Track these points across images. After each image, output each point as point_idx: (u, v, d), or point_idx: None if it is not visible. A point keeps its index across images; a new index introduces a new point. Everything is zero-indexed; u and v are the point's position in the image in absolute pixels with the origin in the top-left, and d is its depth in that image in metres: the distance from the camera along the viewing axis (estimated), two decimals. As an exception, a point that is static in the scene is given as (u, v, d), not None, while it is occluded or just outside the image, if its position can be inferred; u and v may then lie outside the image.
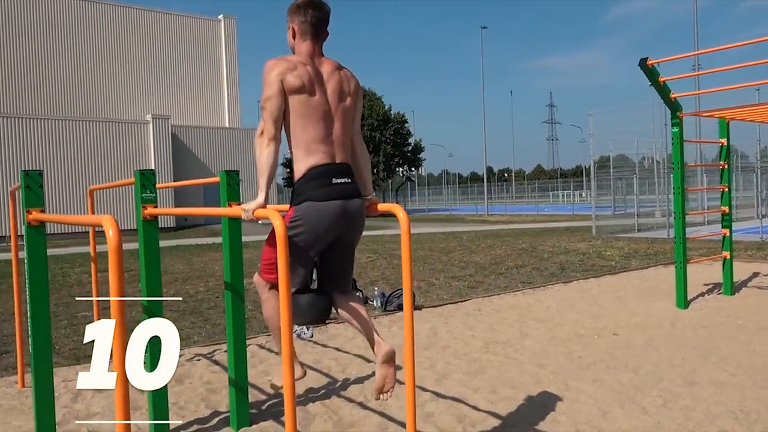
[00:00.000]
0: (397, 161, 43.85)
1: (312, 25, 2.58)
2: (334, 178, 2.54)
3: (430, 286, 9.21)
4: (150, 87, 32.20)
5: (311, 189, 2.51)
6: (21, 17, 28.90)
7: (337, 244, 2.66)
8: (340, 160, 2.59)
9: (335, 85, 2.61)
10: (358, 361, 5.14)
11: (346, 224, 2.60)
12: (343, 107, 2.63)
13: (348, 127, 2.66)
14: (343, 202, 2.55)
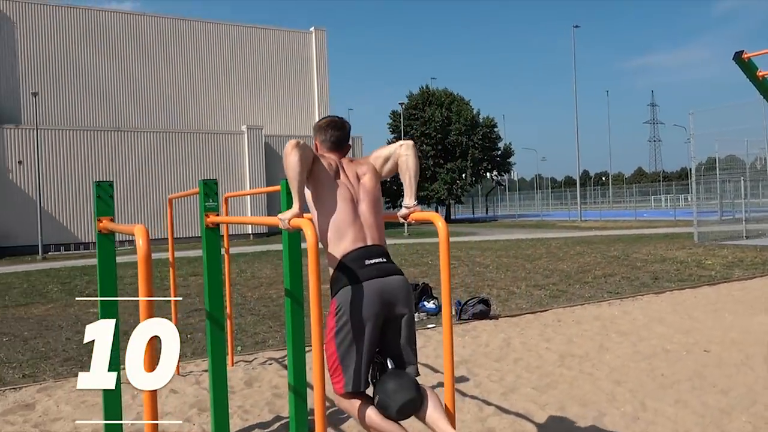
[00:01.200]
0: (485, 166, 43.26)
1: (332, 143, 2.80)
2: (367, 259, 2.52)
3: (510, 294, 8.95)
4: (245, 99, 33.65)
5: (346, 275, 2.51)
6: (128, 38, 31.12)
7: (390, 326, 2.56)
8: (371, 242, 2.58)
9: (351, 171, 2.70)
10: (425, 370, 5.05)
11: (390, 301, 2.52)
12: (364, 188, 2.67)
13: (376, 208, 2.67)
14: (381, 280, 2.51)
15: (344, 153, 2.83)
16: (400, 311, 2.56)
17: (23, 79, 28.60)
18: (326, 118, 2.88)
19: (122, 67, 30.86)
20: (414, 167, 2.71)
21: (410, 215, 2.69)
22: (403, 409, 2.46)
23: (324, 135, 2.80)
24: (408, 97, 44.40)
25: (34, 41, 29.14)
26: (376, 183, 2.72)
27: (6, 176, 24.66)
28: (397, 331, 2.57)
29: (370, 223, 2.60)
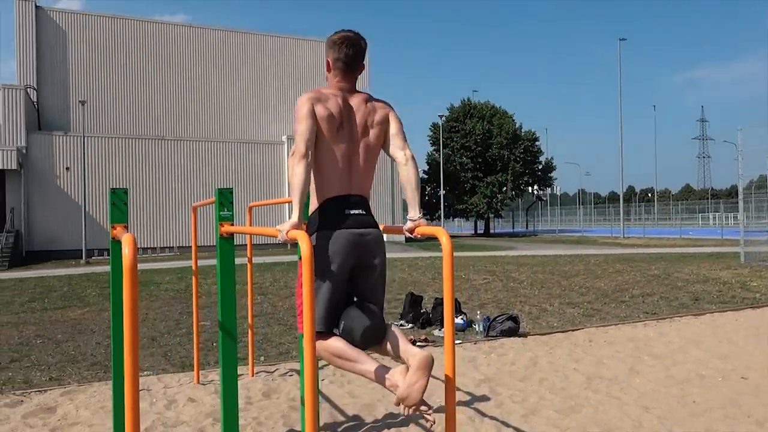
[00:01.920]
0: (526, 180, 42.68)
1: (344, 63, 2.64)
2: (347, 209, 2.54)
3: (542, 312, 8.72)
4: (285, 109, 34.11)
5: (324, 219, 2.54)
6: (173, 48, 31.97)
7: (359, 273, 2.59)
8: (356, 192, 2.60)
9: (361, 119, 2.62)
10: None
11: (360, 253, 2.54)
12: (367, 142, 2.62)
13: (370, 161, 2.65)
14: (355, 230, 2.53)
15: (358, 73, 2.70)
16: (371, 262, 2.57)
17: (72, 87, 29.68)
18: (340, 32, 2.67)
19: (167, 77, 31.71)
20: (415, 180, 2.65)
21: (416, 229, 2.60)
22: (367, 334, 2.49)
23: (337, 52, 2.63)
24: (449, 110, 44.27)
25: (83, 51, 30.23)
26: (380, 141, 2.68)
27: (54, 182, 25.53)
28: (367, 280, 2.60)
29: (360, 174, 2.60)
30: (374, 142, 2.65)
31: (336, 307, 2.54)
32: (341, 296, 2.55)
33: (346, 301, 2.60)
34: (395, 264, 17.91)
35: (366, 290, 2.63)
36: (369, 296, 2.63)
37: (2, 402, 4.72)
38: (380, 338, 2.54)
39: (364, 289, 2.62)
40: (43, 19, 29.64)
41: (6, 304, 10.91)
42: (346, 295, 2.59)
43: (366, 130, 2.62)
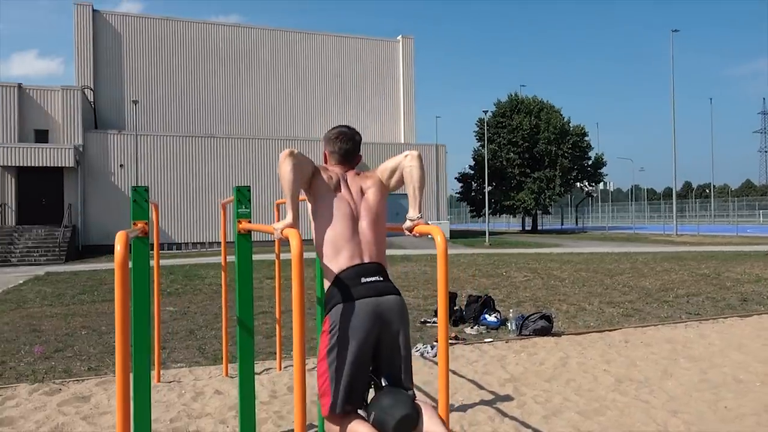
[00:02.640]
0: (575, 176, 41.77)
1: (340, 155, 2.74)
2: (363, 277, 2.44)
3: (580, 311, 8.54)
4: (332, 106, 34.41)
5: (338, 292, 2.44)
6: (222, 48, 32.70)
7: (383, 347, 2.46)
8: (368, 259, 2.51)
9: (356, 186, 2.64)
10: (470, 387, 4.89)
11: (382, 322, 2.42)
12: (367, 203, 2.60)
13: (377, 225, 2.59)
14: (375, 299, 2.42)
15: (353, 165, 2.77)
16: (395, 332, 2.45)
17: (127, 88, 30.73)
18: (336, 128, 2.80)
19: (215, 76, 32.46)
20: (418, 178, 2.61)
21: (414, 228, 2.59)
22: (401, 425, 2.34)
23: (332, 146, 2.75)
24: (496, 105, 43.74)
25: (137, 52, 31.25)
26: (381, 198, 2.64)
27: (109, 179, 26.48)
28: (391, 352, 2.47)
29: (369, 240, 2.52)
30: (374, 201, 2.61)
31: (357, 387, 2.41)
32: (363, 374, 2.43)
33: (367, 378, 2.47)
34: (436, 260, 17.83)
35: (393, 367, 2.48)
36: (397, 374, 2.48)
37: (42, 390, 4.94)
38: (414, 426, 2.37)
39: (390, 365, 2.48)
40: (100, 22, 30.75)
41: (59, 296, 11.40)
42: (367, 371, 2.47)
43: (362, 192, 2.63)
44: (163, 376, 5.33)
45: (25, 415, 4.32)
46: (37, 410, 4.43)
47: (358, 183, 2.65)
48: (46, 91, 26.19)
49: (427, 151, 32.80)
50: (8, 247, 22.59)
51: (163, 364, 5.85)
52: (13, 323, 8.43)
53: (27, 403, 4.62)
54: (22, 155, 24.53)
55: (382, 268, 2.53)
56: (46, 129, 25.96)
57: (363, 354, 2.39)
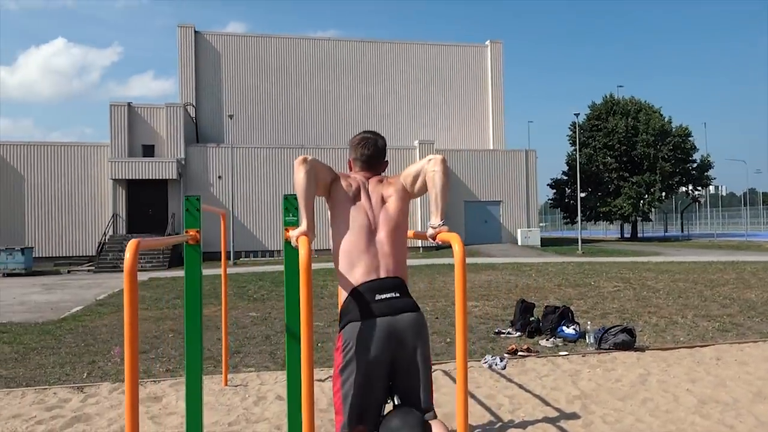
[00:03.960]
0: (678, 180, 39.32)
1: (363, 162, 2.70)
2: (378, 294, 2.37)
3: (670, 324, 7.97)
4: (418, 114, 34.50)
5: (352, 309, 2.38)
6: (312, 61, 33.68)
7: (398, 367, 2.39)
8: (385, 273, 2.43)
9: (377, 193, 2.57)
10: (535, 402, 4.66)
11: (396, 341, 2.35)
12: (386, 212, 2.52)
13: (395, 236, 2.51)
14: (389, 318, 2.35)
15: (378, 171, 2.71)
16: (410, 350, 2.37)
17: (225, 102, 32.36)
18: (360, 134, 2.76)
19: (308, 88, 33.50)
20: (441, 183, 2.49)
21: (437, 236, 2.48)
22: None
23: (355, 153, 2.71)
24: (590, 107, 42.11)
25: (234, 69, 32.84)
26: (402, 207, 2.56)
27: (208, 189, 27.91)
28: (408, 372, 2.39)
29: (387, 253, 2.44)
30: (394, 211, 2.53)
31: (368, 406, 2.35)
32: (375, 393, 2.37)
33: (381, 398, 2.41)
34: (522, 269, 17.36)
35: (410, 386, 2.40)
36: (414, 393, 2.41)
37: (121, 389, 5.23)
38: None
39: (406, 385, 2.40)
40: (201, 42, 32.63)
41: (155, 301, 12.09)
42: (381, 390, 2.40)
43: (383, 201, 2.56)
44: (233, 380, 5.48)
45: (101, 412, 4.58)
46: (112, 408, 4.69)
47: (379, 191, 2.59)
48: (152, 108, 28.06)
49: (516, 157, 32.10)
50: (119, 254, 24.32)
51: (235, 367, 6.04)
52: (111, 325, 9.02)
53: (105, 401, 4.90)
54: (132, 169, 26.41)
55: (400, 282, 2.45)
56: (152, 144, 27.79)
57: (375, 374, 2.32)
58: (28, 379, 5.69)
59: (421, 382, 2.39)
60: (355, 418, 2.32)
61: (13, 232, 25.94)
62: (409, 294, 2.48)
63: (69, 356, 6.77)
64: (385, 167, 2.74)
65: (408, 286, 2.53)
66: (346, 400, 2.32)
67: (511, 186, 31.79)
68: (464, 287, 2.15)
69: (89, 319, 9.76)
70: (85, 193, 27.06)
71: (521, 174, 31.89)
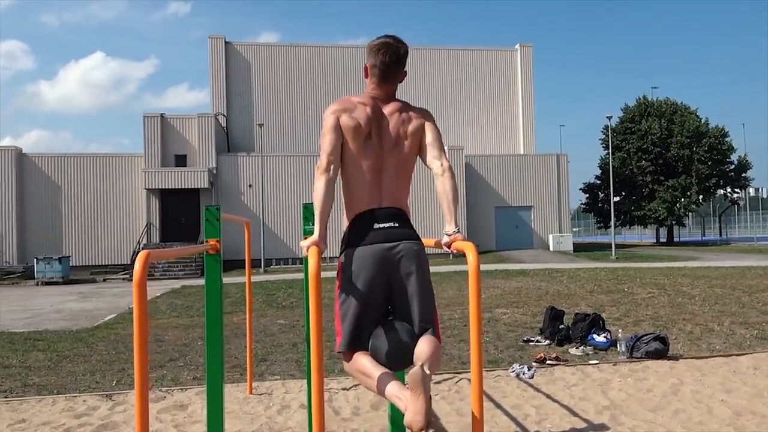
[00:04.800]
0: (715, 182, 38.32)
1: (381, 70, 2.55)
2: (377, 223, 2.44)
3: (706, 332, 7.73)
4: (446, 119, 34.38)
5: (352, 236, 2.47)
6: (340, 68, 33.87)
7: (393, 291, 2.45)
8: (388, 204, 2.49)
9: (394, 128, 2.52)
10: (562, 413, 4.56)
11: (390, 268, 2.41)
12: (399, 153, 2.51)
13: (402, 172, 2.54)
14: (385, 245, 2.41)
15: (396, 82, 2.60)
16: (405, 275, 2.43)
17: (255, 111, 32.77)
18: (380, 38, 2.56)
19: (337, 95, 33.64)
20: (451, 191, 2.47)
21: (452, 244, 2.44)
22: (391, 353, 2.36)
23: (374, 58, 2.54)
24: (623, 110, 41.38)
25: (264, 78, 33.26)
26: (413, 152, 2.56)
27: (239, 198, 28.25)
28: (403, 296, 2.44)
29: (390, 189, 2.50)
30: (407, 152, 2.54)
31: (363, 327, 2.42)
32: (370, 315, 2.43)
33: (377, 320, 2.48)
34: (553, 275, 17.09)
35: (402, 308, 2.47)
36: (404, 314, 2.48)
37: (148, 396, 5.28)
38: (406, 357, 2.39)
39: (400, 306, 2.47)
40: (231, 52, 33.15)
41: (187, 308, 12.26)
42: (378, 314, 2.46)
43: (399, 140, 2.52)
44: (258, 389, 5.50)
45: (127, 420, 4.63)
46: (138, 417, 4.74)
47: (397, 125, 2.52)
48: (184, 119, 28.57)
49: (547, 161, 31.71)
50: (152, 262, 24.74)
51: (261, 375, 6.06)
52: (142, 333, 9.15)
53: (132, 409, 4.95)
54: (165, 178, 26.91)
55: (400, 212, 2.50)
56: (184, 154, 28.28)
57: (369, 297, 2.39)
58: (59, 387, 5.81)
59: (418, 306, 2.43)
60: (351, 338, 2.40)
61: (51, 242, 26.63)
62: (410, 225, 2.52)
63: (100, 364, 6.89)
64: (404, 77, 2.62)
65: (409, 216, 2.58)
66: (343, 322, 2.41)
67: (542, 191, 31.41)
68: (478, 297, 2.11)
69: (121, 327, 9.94)
70: (120, 202, 27.65)
71: (553, 178, 31.50)
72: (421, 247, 2.50)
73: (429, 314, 2.45)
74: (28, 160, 27.31)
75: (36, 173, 27.20)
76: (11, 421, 4.69)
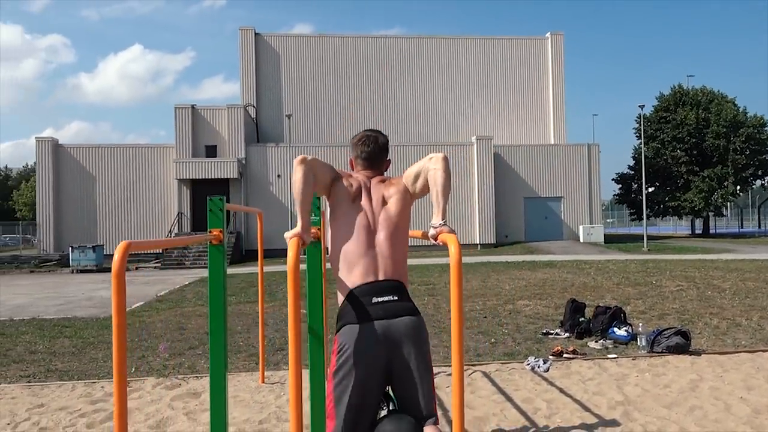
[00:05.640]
0: (752, 172, 37.17)
1: (364, 159, 2.65)
2: (374, 296, 2.33)
3: (733, 326, 7.52)
4: (475, 110, 34.03)
5: (347, 312, 2.35)
6: (368, 59, 33.79)
7: (394, 369, 2.32)
8: (384, 276, 2.38)
9: (378, 193, 2.52)
10: (574, 408, 4.48)
11: (392, 346, 2.29)
12: (387, 213, 2.47)
13: (396, 238, 2.46)
14: (385, 321, 2.29)
15: (381, 170, 2.67)
16: (406, 355, 2.29)
17: (285, 102, 32.95)
18: (361, 133, 2.73)
19: (365, 86, 33.66)
20: (442, 182, 2.41)
21: (438, 236, 2.39)
22: None
23: (356, 151, 2.68)
24: (658, 99, 40.38)
25: (293, 69, 33.38)
26: (403, 208, 2.51)
27: (268, 188, 28.50)
28: (404, 377, 2.31)
29: (386, 255, 2.40)
30: (395, 212, 2.48)
31: (362, 412, 2.28)
32: (369, 399, 2.30)
33: (376, 405, 2.35)
34: (581, 267, 16.83)
35: (407, 392, 2.33)
36: (411, 399, 2.33)
37: (164, 384, 5.37)
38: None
39: (403, 390, 2.33)
40: (261, 44, 33.33)
41: (212, 297, 12.41)
42: (377, 397, 2.34)
43: (384, 201, 2.50)
44: (271, 378, 5.54)
45: (141, 407, 4.72)
46: (152, 403, 4.82)
47: (380, 191, 2.53)
48: (214, 110, 28.87)
49: (578, 151, 31.17)
50: (183, 252, 25.18)
51: (276, 365, 6.11)
52: (166, 321, 9.33)
53: (147, 396, 5.05)
54: (195, 169, 27.29)
55: (399, 285, 2.39)
56: (214, 144, 28.60)
57: (369, 378, 2.27)
58: (80, 373, 5.95)
59: (420, 388, 2.32)
60: (348, 423, 2.26)
61: (86, 231, 27.29)
62: (408, 297, 2.42)
63: (122, 351, 7.03)
64: (388, 166, 2.70)
65: (408, 288, 2.47)
66: (338, 405, 2.28)
67: (572, 181, 30.90)
68: (460, 290, 2.06)
69: (147, 315, 10.12)
70: (152, 192, 28.15)
71: (583, 169, 30.96)
72: (421, 323, 2.39)
73: (430, 398, 2.34)
74: (64, 150, 27.98)
75: (71, 164, 27.85)
76: (30, 406, 4.83)
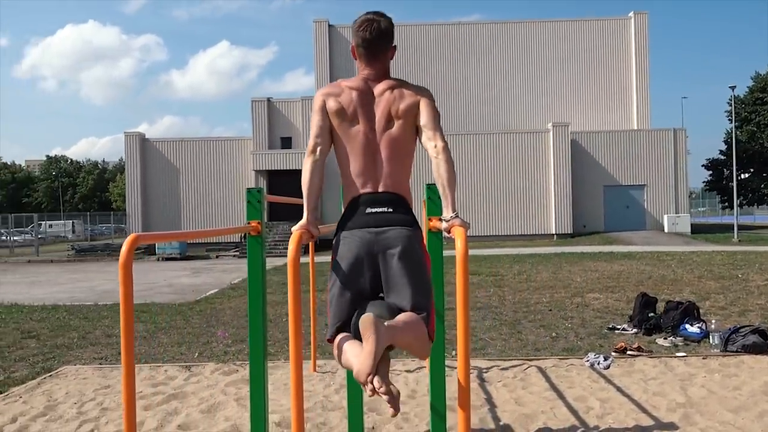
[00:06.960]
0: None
1: (364, 48, 2.41)
2: (369, 207, 2.35)
3: (823, 325, 6.90)
4: (552, 96, 32.95)
5: (344, 220, 2.41)
6: (448, 46, 33.40)
7: (383, 274, 2.30)
8: (384, 189, 2.37)
9: (384, 108, 2.38)
10: (629, 408, 4.26)
11: (376, 252, 2.28)
12: (390, 134, 2.38)
13: (398, 154, 2.39)
14: (371, 229, 2.30)
15: (386, 59, 2.45)
16: (393, 259, 2.27)
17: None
18: (362, 15, 2.44)
19: (439, 73, 33.33)
20: (446, 174, 2.30)
21: (451, 229, 2.28)
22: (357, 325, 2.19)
23: (356, 38, 2.41)
24: (753, 79, 37.69)
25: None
26: (408, 129, 2.40)
27: (336, 180, 28.89)
28: (391, 281, 2.28)
29: (387, 172, 2.38)
30: (399, 132, 2.39)
31: (348, 312, 2.30)
32: (356, 303, 2.31)
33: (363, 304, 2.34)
34: (662, 258, 16.01)
35: (395, 295, 2.29)
36: (400, 301, 2.28)
37: (221, 370, 5.56)
38: None
39: (392, 293, 2.29)
40: (335, 35, 33.69)
41: (282, 285, 12.70)
42: (365, 301, 2.32)
43: (390, 120, 2.38)
44: (323, 367, 5.62)
45: (197, 391, 4.90)
46: (208, 388, 5.00)
47: (388, 104, 2.38)
48: (289, 102, 29.56)
49: (663, 137, 29.62)
50: (260, 241, 25.99)
51: (330, 354, 6.18)
52: (235, 308, 9.65)
53: (205, 380, 5.24)
54: (271, 160, 28.07)
55: (396, 197, 2.38)
56: (289, 136, 29.30)
57: (353, 282, 2.30)
58: (147, 356, 6.25)
59: (410, 289, 2.25)
60: (336, 324, 2.31)
61: (171, 221, 28.69)
62: (406, 210, 2.38)
63: (189, 336, 7.34)
64: (393, 53, 2.47)
65: (411, 204, 2.44)
66: (331, 304, 2.36)
67: (657, 168, 29.40)
68: (466, 283, 1.98)
69: (219, 302, 10.52)
70: (232, 183, 29.19)
71: (669, 155, 29.38)
72: (413, 233, 2.34)
73: (420, 303, 2.26)
74: (150, 144, 29.49)
75: (157, 157, 29.32)
76: (98, 387, 5.12)
